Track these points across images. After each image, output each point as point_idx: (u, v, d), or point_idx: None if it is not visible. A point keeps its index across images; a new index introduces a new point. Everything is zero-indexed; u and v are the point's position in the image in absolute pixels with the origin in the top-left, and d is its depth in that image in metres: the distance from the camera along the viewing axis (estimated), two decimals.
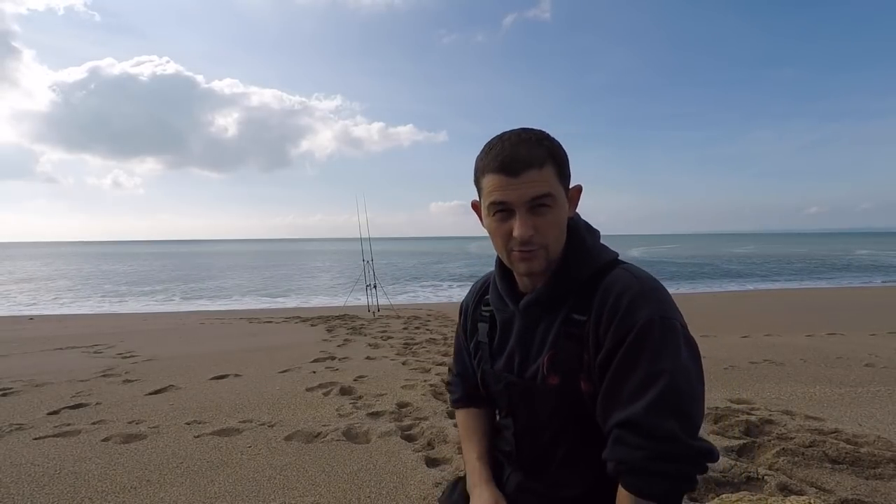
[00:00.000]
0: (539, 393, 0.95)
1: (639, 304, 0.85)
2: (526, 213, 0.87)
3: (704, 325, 7.36)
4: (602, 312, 0.87)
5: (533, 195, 0.86)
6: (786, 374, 4.28)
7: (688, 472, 0.79)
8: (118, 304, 14.95)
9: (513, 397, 1.01)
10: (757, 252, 46.55)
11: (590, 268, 0.93)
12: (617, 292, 0.87)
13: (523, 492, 1.03)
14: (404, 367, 4.79)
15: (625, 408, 0.82)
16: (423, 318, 8.84)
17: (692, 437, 0.80)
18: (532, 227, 0.87)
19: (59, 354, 5.90)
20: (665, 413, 0.79)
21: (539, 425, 0.98)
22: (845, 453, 2.44)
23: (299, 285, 20.96)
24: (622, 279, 0.89)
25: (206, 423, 3.23)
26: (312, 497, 2.25)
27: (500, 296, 1.02)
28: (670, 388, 0.80)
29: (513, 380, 1.00)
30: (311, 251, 73.20)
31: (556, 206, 0.88)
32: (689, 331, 0.88)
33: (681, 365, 0.82)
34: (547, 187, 0.86)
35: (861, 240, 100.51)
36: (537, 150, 0.87)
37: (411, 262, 38.06)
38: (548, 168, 0.87)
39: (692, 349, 0.86)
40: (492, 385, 1.07)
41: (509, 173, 0.86)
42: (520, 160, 0.85)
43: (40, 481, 2.42)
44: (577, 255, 0.94)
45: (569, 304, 0.93)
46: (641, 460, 0.79)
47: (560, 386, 0.92)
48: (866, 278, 19.51)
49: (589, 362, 0.89)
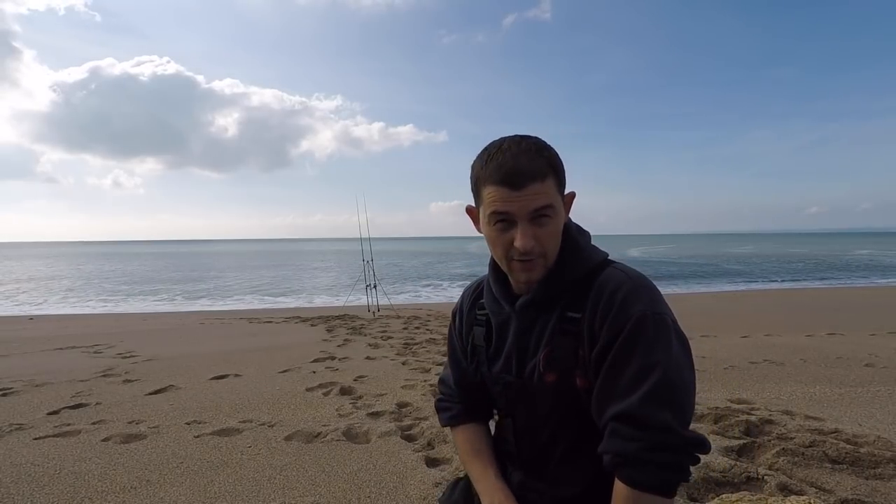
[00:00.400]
0: (537, 391, 0.97)
1: (631, 300, 0.87)
2: (527, 225, 0.88)
3: (704, 325, 7.36)
4: (596, 309, 0.89)
5: (535, 207, 0.87)
6: (786, 374, 4.29)
7: (681, 462, 0.82)
8: (118, 304, 14.96)
9: (511, 397, 1.03)
10: (756, 252, 46.57)
11: (583, 268, 0.95)
12: (611, 290, 0.90)
13: (525, 490, 1.04)
14: (404, 367, 4.79)
15: (620, 401, 0.84)
16: (423, 318, 8.84)
17: (685, 427, 0.82)
18: (533, 237, 0.89)
19: (59, 354, 5.90)
20: (659, 404, 0.81)
21: (538, 423, 1.00)
22: (845, 453, 2.44)
23: (299, 285, 20.96)
24: (615, 277, 0.92)
25: (206, 423, 3.23)
26: (312, 497, 2.25)
27: (496, 298, 1.03)
28: (663, 380, 0.82)
29: (511, 380, 1.01)
30: (312, 251, 73.23)
31: (555, 216, 0.90)
32: (679, 326, 0.90)
33: (673, 358, 0.85)
34: (548, 199, 0.88)
35: (861, 240, 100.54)
36: (538, 162, 0.87)
37: (411, 262, 38.06)
38: (549, 180, 0.88)
39: (683, 343, 0.89)
40: (490, 388, 1.08)
41: (512, 186, 0.86)
42: (523, 173, 0.86)
43: (40, 481, 2.42)
44: (571, 257, 0.96)
45: (563, 303, 0.95)
46: (637, 451, 0.80)
47: (557, 383, 0.94)
48: (866, 278, 19.51)
49: (584, 358, 0.91)
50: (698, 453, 0.83)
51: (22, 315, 12.19)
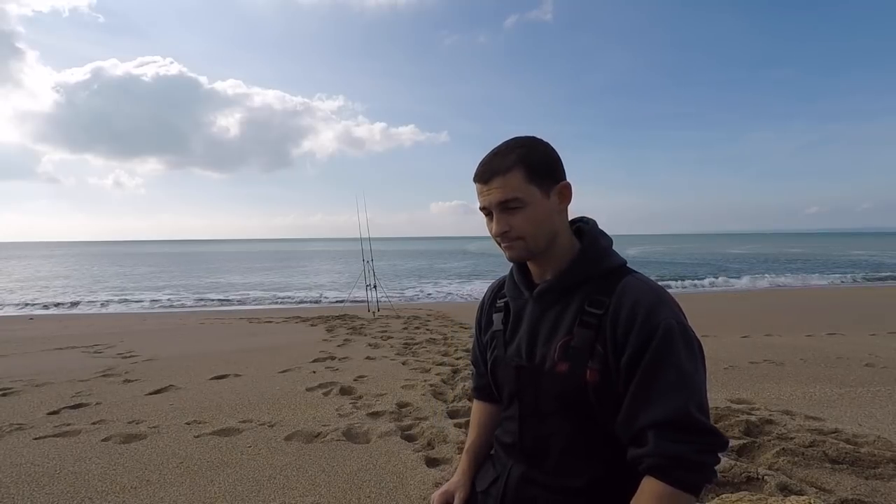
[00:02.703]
0: (546, 378, 1.01)
1: (657, 310, 0.93)
2: (499, 214, 1.00)
3: (704, 325, 7.36)
4: (619, 313, 0.95)
5: (499, 199, 0.98)
6: (786, 374, 4.29)
7: (719, 460, 0.91)
8: (118, 304, 14.95)
9: (521, 380, 1.06)
10: (756, 252, 46.55)
11: (601, 264, 1.03)
12: (634, 298, 0.95)
13: (527, 482, 1.05)
14: (404, 367, 4.79)
15: (662, 406, 0.89)
16: (423, 318, 8.84)
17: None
18: (506, 224, 1.00)
19: (59, 354, 5.90)
20: (700, 410, 0.89)
21: (542, 410, 1.03)
22: (845, 453, 2.44)
23: (299, 285, 20.95)
24: (637, 287, 0.98)
25: (206, 423, 3.23)
26: (312, 497, 2.25)
27: (516, 284, 1.12)
28: (700, 387, 0.91)
29: (522, 364, 1.06)
30: (312, 251, 73.22)
31: (528, 206, 0.98)
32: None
33: (701, 367, 0.94)
34: (512, 191, 0.97)
35: (861, 240, 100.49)
36: (504, 160, 0.98)
37: (411, 262, 38.03)
38: (514, 173, 0.97)
39: (702, 352, 0.96)
40: (500, 371, 1.12)
41: (482, 181, 1.01)
42: (488, 170, 1.00)
43: (40, 481, 2.42)
44: (590, 251, 1.04)
45: (581, 297, 1.00)
46: (693, 454, 0.87)
47: (567, 374, 0.97)
48: (866, 278, 19.50)
49: (603, 355, 0.95)
50: (723, 452, 0.93)
51: (22, 315, 12.18)
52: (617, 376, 0.94)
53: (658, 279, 20.02)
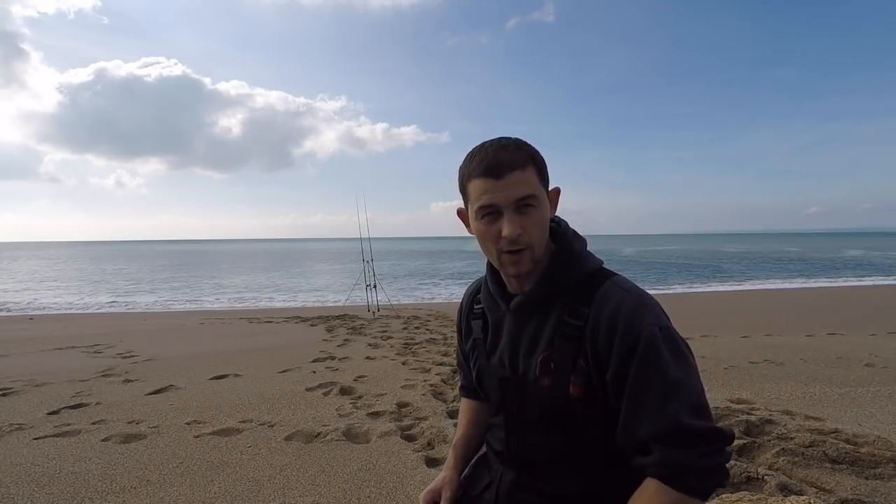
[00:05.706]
0: (530, 390, 0.98)
1: (638, 317, 0.89)
2: (513, 213, 0.91)
3: (704, 325, 7.36)
4: (599, 324, 0.91)
5: (518, 196, 0.90)
6: (786, 374, 4.29)
7: (728, 457, 0.87)
8: (118, 304, 14.95)
9: (505, 392, 1.04)
10: (756, 252, 46.55)
11: (576, 272, 0.98)
12: (614, 305, 0.91)
13: (519, 489, 1.04)
14: (404, 367, 4.79)
15: (657, 418, 0.85)
16: (422, 318, 8.84)
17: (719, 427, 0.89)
18: (519, 226, 0.91)
19: (59, 354, 5.90)
20: (698, 414, 0.85)
21: (529, 420, 1.01)
22: (845, 453, 2.44)
23: (299, 285, 20.96)
24: (616, 293, 0.93)
25: (206, 423, 3.23)
26: (312, 497, 2.25)
27: (492, 296, 1.06)
28: (693, 391, 0.87)
29: (506, 375, 1.03)
30: (312, 251, 73.22)
31: (539, 207, 0.93)
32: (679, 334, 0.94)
33: (691, 367, 0.89)
34: (530, 188, 0.91)
35: (861, 240, 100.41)
36: (519, 154, 0.92)
37: (411, 262, 38.05)
38: (530, 170, 0.92)
39: (690, 351, 0.92)
40: (486, 380, 1.10)
41: (495, 176, 0.90)
42: (503, 163, 0.90)
43: (40, 481, 2.42)
44: (564, 259, 0.98)
45: (560, 308, 0.96)
46: (698, 460, 0.83)
47: (550, 388, 0.95)
48: (865, 278, 19.50)
49: (586, 370, 0.92)
50: (729, 447, 0.88)
51: (22, 315, 12.19)
52: (604, 392, 0.91)
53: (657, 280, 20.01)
